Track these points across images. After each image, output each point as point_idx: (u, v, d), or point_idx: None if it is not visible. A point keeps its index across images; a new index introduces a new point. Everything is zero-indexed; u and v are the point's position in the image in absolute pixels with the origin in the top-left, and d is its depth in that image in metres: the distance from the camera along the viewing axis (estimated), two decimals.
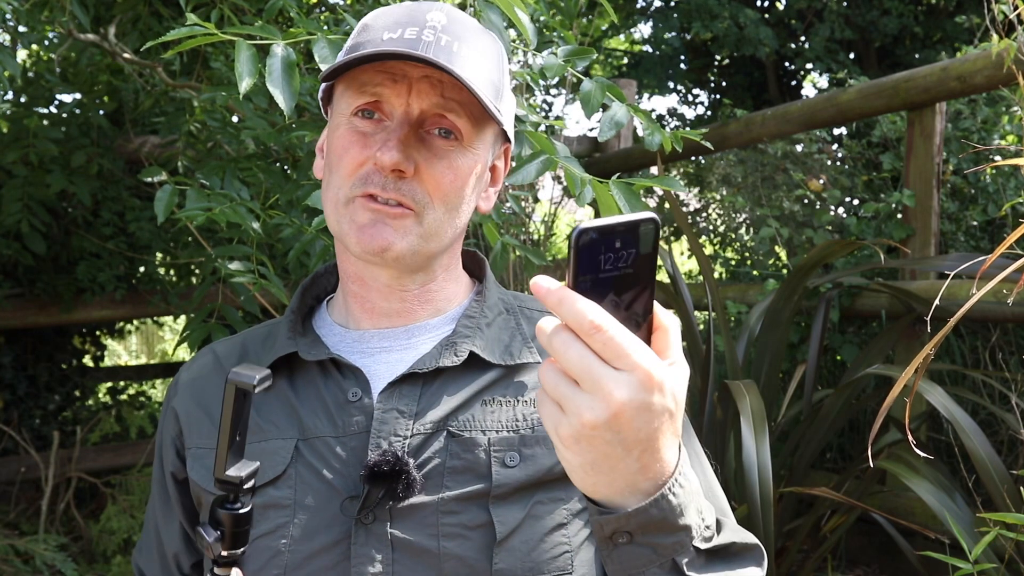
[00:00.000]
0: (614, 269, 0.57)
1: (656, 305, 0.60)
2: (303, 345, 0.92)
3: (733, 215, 4.31)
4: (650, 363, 0.57)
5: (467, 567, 0.81)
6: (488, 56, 0.88)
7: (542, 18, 1.74)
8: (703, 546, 0.68)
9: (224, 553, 0.73)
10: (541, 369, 0.59)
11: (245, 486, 0.72)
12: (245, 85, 1.17)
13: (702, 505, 0.69)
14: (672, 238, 4.87)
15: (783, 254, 3.88)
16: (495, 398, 0.88)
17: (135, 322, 4.44)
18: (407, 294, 0.92)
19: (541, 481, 0.84)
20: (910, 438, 1.24)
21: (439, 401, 0.87)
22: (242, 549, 0.73)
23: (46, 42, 2.74)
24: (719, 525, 0.75)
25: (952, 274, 1.50)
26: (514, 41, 1.49)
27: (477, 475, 0.84)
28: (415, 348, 0.92)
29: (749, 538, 0.81)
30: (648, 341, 0.60)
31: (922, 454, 1.40)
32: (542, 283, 0.56)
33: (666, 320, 0.60)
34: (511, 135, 0.96)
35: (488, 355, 0.90)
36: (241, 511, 0.72)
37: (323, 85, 0.93)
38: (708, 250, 4.36)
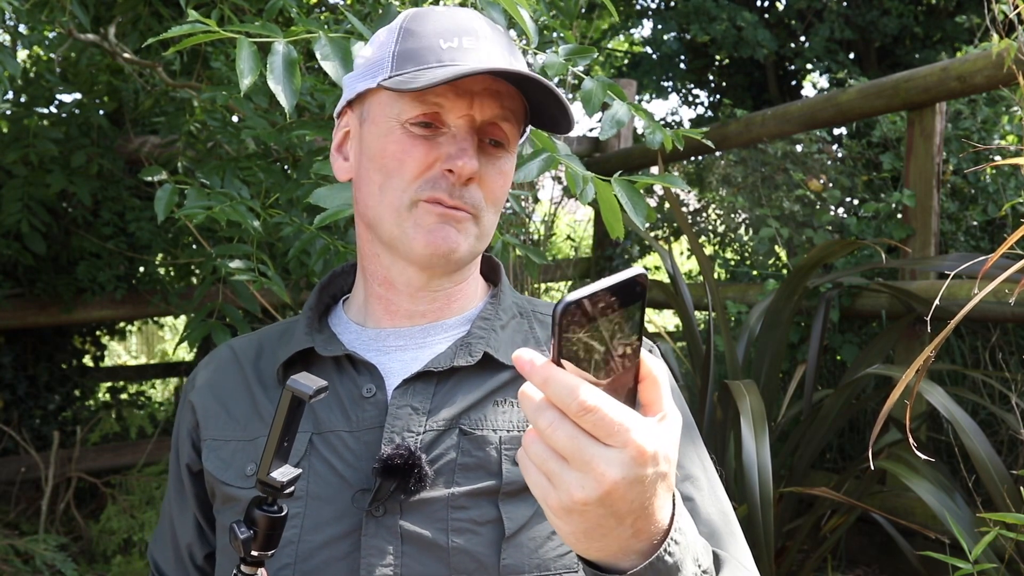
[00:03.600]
0: (601, 333, 0.54)
1: (644, 353, 0.58)
2: (319, 341, 0.94)
3: (733, 215, 4.31)
4: (643, 437, 0.55)
5: (475, 562, 0.82)
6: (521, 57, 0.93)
7: (542, 18, 1.74)
8: None
9: (255, 553, 0.73)
10: (526, 440, 0.57)
11: (285, 491, 0.72)
12: (247, 82, 1.17)
13: (699, 551, 0.68)
14: (672, 238, 4.87)
15: (783, 254, 3.88)
16: (507, 399, 0.90)
17: (135, 322, 4.44)
18: (438, 294, 0.94)
19: None
20: (910, 439, 1.24)
21: (452, 400, 0.89)
22: (272, 551, 0.74)
23: (46, 42, 2.74)
24: (718, 562, 0.75)
25: (952, 274, 1.49)
26: (515, 40, 1.49)
27: (488, 472, 0.85)
28: (430, 347, 0.93)
29: (745, 572, 0.81)
30: (635, 386, 0.58)
31: (923, 456, 1.40)
32: (524, 357, 0.54)
33: (655, 369, 0.58)
34: (527, 133, 0.99)
35: (502, 356, 0.91)
36: (277, 514, 0.73)
37: (356, 89, 0.93)
38: (708, 250, 4.36)
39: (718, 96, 7.36)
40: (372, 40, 0.95)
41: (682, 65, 7.19)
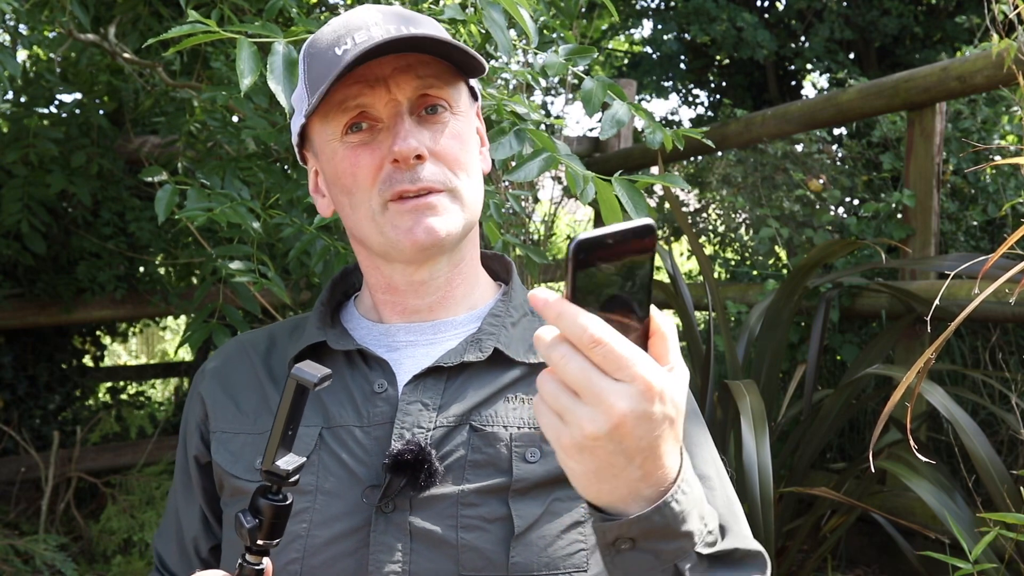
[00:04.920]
0: (612, 277, 0.57)
1: (653, 309, 0.60)
2: (331, 335, 0.95)
3: (733, 215, 4.31)
4: (650, 373, 0.57)
5: (484, 559, 0.82)
6: (435, 24, 0.92)
7: (542, 18, 1.74)
8: (705, 551, 0.69)
9: (260, 542, 0.74)
10: (540, 379, 0.59)
11: (290, 479, 0.73)
12: (247, 83, 1.17)
13: (705, 511, 0.69)
14: (672, 238, 4.87)
15: (783, 254, 3.88)
16: (518, 395, 0.90)
17: (136, 325, 4.44)
18: (439, 280, 0.94)
19: (560, 478, 0.84)
20: (910, 440, 1.24)
21: (463, 396, 0.89)
22: (277, 540, 0.74)
23: (46, 42, 2.73)
24: (723, 531, 0.76)
25: (952, 274, 1.50)
26: (515, 40, 1.49)
27: (498, 469, 0.85)
28: (440, 343, 0.94)
29: (753, 545, 0.82)
30: (645, 344, 0.60)
31: (923, 456, 1.40)
32: (539, 295, 0.57)
33: (664, 325, 0.60)
34: (478, 92, 0.99)
35: (512, 353, 0.91)
36: (282, 503, 0.74)
37: (296, 131, 0.96)
38: (708, 250, 4.36)
39: (718, 96, 7.35)
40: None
41: (682, 65, 7.19)
